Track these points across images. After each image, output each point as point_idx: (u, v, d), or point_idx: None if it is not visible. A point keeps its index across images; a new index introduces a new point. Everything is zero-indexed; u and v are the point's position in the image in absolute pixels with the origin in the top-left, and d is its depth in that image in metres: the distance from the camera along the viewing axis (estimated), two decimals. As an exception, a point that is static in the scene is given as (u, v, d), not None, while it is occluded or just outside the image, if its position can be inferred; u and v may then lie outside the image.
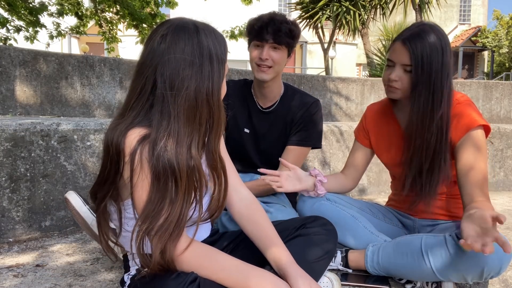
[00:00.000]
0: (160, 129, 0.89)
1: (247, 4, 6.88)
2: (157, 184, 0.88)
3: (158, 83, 0.90)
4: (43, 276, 1.37)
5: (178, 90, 0.89)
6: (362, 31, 8.97)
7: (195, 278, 0.90)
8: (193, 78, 0.91)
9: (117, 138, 0.89)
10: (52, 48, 6.35)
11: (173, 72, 0.90)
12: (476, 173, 1.27)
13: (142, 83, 0.92)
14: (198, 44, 0.93)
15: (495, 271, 1.16)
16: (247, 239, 1.12)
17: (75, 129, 1.86)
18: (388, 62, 1.41)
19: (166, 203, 0.88)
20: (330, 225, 1.13)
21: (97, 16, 6.66)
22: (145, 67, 0.92)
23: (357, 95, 4.44)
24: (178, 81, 0.89)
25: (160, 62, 0.90)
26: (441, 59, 1.32)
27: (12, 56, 2.90)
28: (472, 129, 1.32)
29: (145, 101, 0.92)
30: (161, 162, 0.87)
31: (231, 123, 1.85)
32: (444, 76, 1.32)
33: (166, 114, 0.89)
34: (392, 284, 1.36)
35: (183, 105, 0.90)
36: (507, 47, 20.44)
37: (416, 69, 1.32)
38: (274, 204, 1.68)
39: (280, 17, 1.65)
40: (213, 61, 0.94)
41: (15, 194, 1.73)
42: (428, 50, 1.31)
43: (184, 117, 0.90)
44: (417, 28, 1.36)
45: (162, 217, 0.88)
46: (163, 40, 0.91)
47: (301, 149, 1.78)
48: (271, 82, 1.73)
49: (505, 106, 4.87)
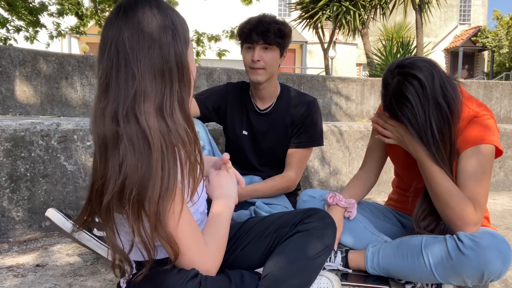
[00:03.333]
0: (126, 93, 0.85)
1: (247, 4, 6.88)
2: (132, 148, 0.83)
3: (120, 48, 0.86)
4: (43, 276, 1.37)
5: (140, 51, 0.86)
6: (362, 31, 8.96)
7: (196, 273, 0.90)
8: (155, 38, 0.88)
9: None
10: (52, 48, 6.36)
11: (133, 34, 0.86)
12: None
13: (111, 54, 0.87)
14: (157, 6, 0.90)
15: (496, 274, 1.16)
16: (250, 231, 1.14)
17: (75, 129, 1.86)
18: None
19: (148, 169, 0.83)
20: (328, 218, 1.12)
21: (97, 16, 6.66)
22: (107, 38, 0.88)
23: (357, 95, 4.44)
24: (138, 42, 0.86)
25: (119, 28, 0.87)
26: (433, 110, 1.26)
27: (12, 56, 2.91)
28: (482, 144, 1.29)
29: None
30: (133, 128, 0.83)
31: (230, 125, 1.86)
32: (443, 115, 1.27)
33: (130, 77, 0.85)
34: (392, 284, 1.36)
35: (147, 64, 0.86)
36: (507, 47, 20.43)
37: (413, 129, 1.29)
38: (276, 206, 1.69)
39: (269, 18, 1.67)
40: (176, 25, 0.91)
41: (15, 194, 1.73)
42: (415, 108, 1.26)
43: (149, 77, 0.86)
44: (397, 84, 1.28)
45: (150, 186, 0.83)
46: (119, 9, 0.89)
47: (304, 150, 1.79)
48: (266, 83, 1.74)
49: (505, 106, 4.87)
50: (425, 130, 1.27)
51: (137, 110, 0.84)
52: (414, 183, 1.44)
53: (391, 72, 1.31)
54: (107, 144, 0.84)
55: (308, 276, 1.05)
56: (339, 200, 1.51)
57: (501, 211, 2.51)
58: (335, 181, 2.77)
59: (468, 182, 1.27)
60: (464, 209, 1.23)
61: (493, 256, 1.14)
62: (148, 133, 0.83)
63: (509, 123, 4.76)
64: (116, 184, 0.83)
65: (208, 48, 7.33)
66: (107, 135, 0.84)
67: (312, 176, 2.69)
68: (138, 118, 0.84)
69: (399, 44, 8.40)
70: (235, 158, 1.91)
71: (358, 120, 4.42)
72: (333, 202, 1.51)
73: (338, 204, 1.51)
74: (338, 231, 1.45)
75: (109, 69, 0.87)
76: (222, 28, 7.28)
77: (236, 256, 1.13)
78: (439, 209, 1.30)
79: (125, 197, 0.83)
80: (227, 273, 1.00)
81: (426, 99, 1.25)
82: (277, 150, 1.81)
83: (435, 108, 1.25)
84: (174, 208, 0.87)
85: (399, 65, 1.29)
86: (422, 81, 1.24)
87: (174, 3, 6.83)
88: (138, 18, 0.87)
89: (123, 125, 0.83)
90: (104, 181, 0.85)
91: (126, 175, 0.82)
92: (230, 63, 5.85)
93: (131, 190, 0.82)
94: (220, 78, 3.78)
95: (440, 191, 1.27)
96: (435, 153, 1.28)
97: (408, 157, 1.47)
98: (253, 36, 1.64)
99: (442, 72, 1.28)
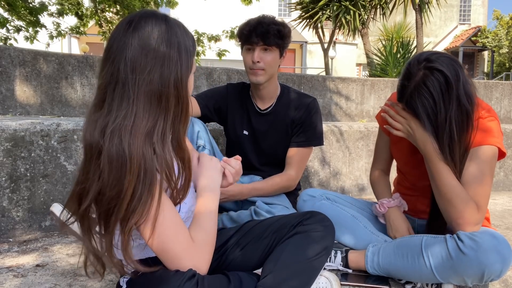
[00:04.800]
0: (118, 112, 0.86)
1: (247, 4, 6.88)
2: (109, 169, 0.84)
3: (121, 67, 0.87)
4: (43, 276, 1.37)
5: (140, 73, 0.87)
6: (362, 31, 8.95)
7: (193, 274, 0.90)
8: (158, 63, 0.88)
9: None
10: (52, 48, 6.35)
11: (135, 55, 0.87)
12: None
13: (111, 68, 0.88)
14: (166, 31, 0.90)
15: (496, 274, 1.16)
16: (249, 232, 1.14)
17: (75, 129, 1.86)
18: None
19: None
20: (327, 221, 1.13)
21: (97, 16, 6.66)
22: (112, 52, 0.89)
23: (357, 95, 4.44)
24: (140, 64, 0.87)
25: (125, 45, 0.87)
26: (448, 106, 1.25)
27: (12, 56, 2.91)
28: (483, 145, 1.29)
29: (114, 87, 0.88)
30: (114, 147, 0.83)
31: (231, 125, 1.87)
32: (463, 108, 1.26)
33: (125, 98, 0.86)
34: (392, 284, 1.36)
35: (144, 88, 0.87)
36: (507, 47, 20.43)
37: (430, 125, 1.28)
38: (276, 206, 1.69)
39: (268, 19, 1.68)
40: (181, 50, 0.92)
41: (15, 194, 1.73)
42: (438, 105, 1.25)
43: (144, 101, 0.87)
44: (422, 76, 1.26)
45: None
46: (129, 25, 0.89)
47: (304, 150, 1.80)
48: (266, 84, 1.75)
49: (505, 106, 4.87)
50: (443, 128, 1.26)
51: (123, 131, 0.84)
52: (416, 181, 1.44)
53: (418, 63, 1.28)
54: (92, 153, 0.86)
55: (306, 278, 1.05)
56: (389, 203, 1.53)
57: (501, 211, 2.51)
58: (335, 181, 2.77)
59: (469, 184, 1.27)
60: (467, 208, 1.23)
61: (493, 255, 1.15)
62: (127, 155, 0.83)
63: (509, 123, 4.76)
64: (93, 195, 0.85)
65: (208, 48, 7.33)
66: (93, 145, 0.85)
67: (312, 176, 2.69)
68: (122, 139, 0.84)
69: (399, 44, 8.38)
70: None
71: (358, 120, 4.42)
72: (385, 209, 1.53)
73: (390, 206, 1.52)
74: (405, 227, 1.48)
75: (107, 83, 0.88)
76: (222, 28, 7.28)
77: (234, 257, 1.13)
78: (442, 207, 1.30)
79: (98, 209, 0.86)
80: (225, 274, 1.00)
81: (449, 98, 1.24)
82: (278, 150, 1.82)
83: (457, 109, 1.25)
84: (148, 222, 0.87)
85: (428, 59, 1.27)
86: (449, 80, 1.23)
87: (174, 3, 6.84)
88: (144, 39, 0.88)
89: (107, 142, 0.84)
90: (84, 187, 0.87)
91: (100, 189, 0.84)
92: (230, 63, 5.85)
93: (102, 204, 0.85)
94: (220, 78, 3.78)
95: (445, 188, 1.27)
96: (447, 151, 1.27)
97: (412, 155, 1.47)
98: (252, 37, 1.65)
99: (465, 74, 1.28)
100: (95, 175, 0.85)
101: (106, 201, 0.84)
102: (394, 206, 1.53)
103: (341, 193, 2.31)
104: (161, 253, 0.91)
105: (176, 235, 0.91)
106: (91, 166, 0.85)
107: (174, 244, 0.91)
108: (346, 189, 2.81)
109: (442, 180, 1.28)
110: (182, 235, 0.92)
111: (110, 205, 0.84)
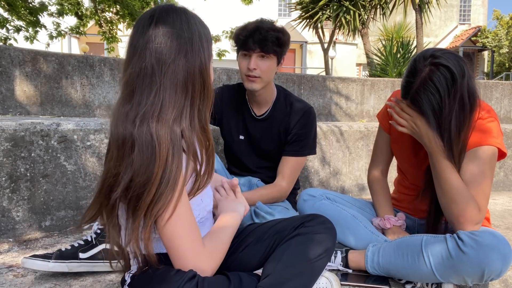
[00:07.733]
0: (147, 101, 0.90)
1: (247, 4, 6.88)
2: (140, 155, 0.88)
3: (147, 59, 0.91)
4: (43, 276, 1.37)
5: (166, 63, 0.91)
6: (362, 31, 8.96)
7: (193, 275, 0.91)
8: (182, 51, 0.93)
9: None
10: (52, 48, 6.35)
11: (161, 45, 0.91)
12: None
13: (139, 62, 0.92)
14: (187, 21, 0.95)
15: (496, 273, 1.16)
16: (249, 234, 1.15)
17: (75, 129, 1.86)
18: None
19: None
20: (329, 223, 1.13)
21: (97, 16, 6.66)
22: (137, 47, 0.93)
23: (357, 95, 4.44)
24: (166, 54, 0.91)
25: (149, 38, 0.92)
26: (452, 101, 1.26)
27: (12, 56, 2.90)
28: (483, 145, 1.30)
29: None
30: (144, 135, 0.87)
31: (226, 129, 1.86)
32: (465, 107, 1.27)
33: (154, 87, 0.91)
34: (392, 284, 1.36)
35: (170, 76, 0.91)
36: (507, 47, 20.44)
37: (435, 120, 1.28)
38: (277, 207, 1.69)
39: (266, 24, 1.61)
40: (202, 38, 0.97)
41: (15, 194, 1.73)
42: (443, 100, 1.25)
43: (171, 89, 0.91)
44: (429, 72, 1.26)
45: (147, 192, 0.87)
46: (151, 19, 0.94)
47: (298, 159, 1.78)
48: (262, 90, 1.72)
49: (505, 106, 4.87)
50: (445, 123, 1.27)
51: (150, 118, 0.89)
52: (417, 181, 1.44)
53: (424, 60, 1.28)
54: (125, 145, 0.89)
55: (307, 279, 1.04)
56: (395, 221, 1.54)
57: (501, 211, 2.51)
58: (335, 181, 2.77)
59: (469, 184, 1.27)
60: (469, 207, 1.23)
61: (493, 254, 1.15)
62: (155, 141, 0.88)
63: (509, 123, 4.76)
64: (124, 183, 0.88)
65: (208, 48, 7.31)
66: (126, 137, 0.89)
67: (312, 176, 2.69)
68: (150, 125, 0.88)
69: (399, 44, 8.38)
70: (232, 160, 1.92)
71: (358, 120, 4.42)
72: (391, 225, 1.53)
73: (395, 224, 1.54)
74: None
75: (135, 75, 0.92)
76: (222, 28, 7.29)
77: (235, 258, 1.13)
78: (444, 205, 1.30)
79: (127, 196, 0.89)
80: (226, 274, 1.00)
81: (453, 94, 1.25)
82: (274, 155, 1.81)
83: (459, 105, 1.25)
84: (169, 207, 0.90)
85: (433, 55, 1.27)
86: (455, 76, 1.24)
87: (174, 3, 6.84)
88: (167, 30, 0.93)
89: (137, 129, 0.88)
90: (116, 179, 0.90)
91: (132, 176, 0.87)
92: (230, 63, 5.83)
93: (133, 191, 0.88)
94: (220, 78, 3.79)
95: (449, 186, 1.27)
96: (447, 149, 1.28)
97: (414, 154, 1.47)
98: (249, 43, 1.59)
99: (470, 72, 1.29)
100: (127, 165, 0.88)
101: (137, 187, 0.87)
102: (398, 225, 1.54)
103: (341, 193, 2.31)
104: (170, 248, 0.93)
105: (188, 234, 0.93)
106: (124, 157, 0.89)
107: (184, 242, 0.92)
108: (346, 189, 2.82)
109: (445, 177, 1.28)
110: (193, 236, 0.94)
111: (140, 190, 0.87)
